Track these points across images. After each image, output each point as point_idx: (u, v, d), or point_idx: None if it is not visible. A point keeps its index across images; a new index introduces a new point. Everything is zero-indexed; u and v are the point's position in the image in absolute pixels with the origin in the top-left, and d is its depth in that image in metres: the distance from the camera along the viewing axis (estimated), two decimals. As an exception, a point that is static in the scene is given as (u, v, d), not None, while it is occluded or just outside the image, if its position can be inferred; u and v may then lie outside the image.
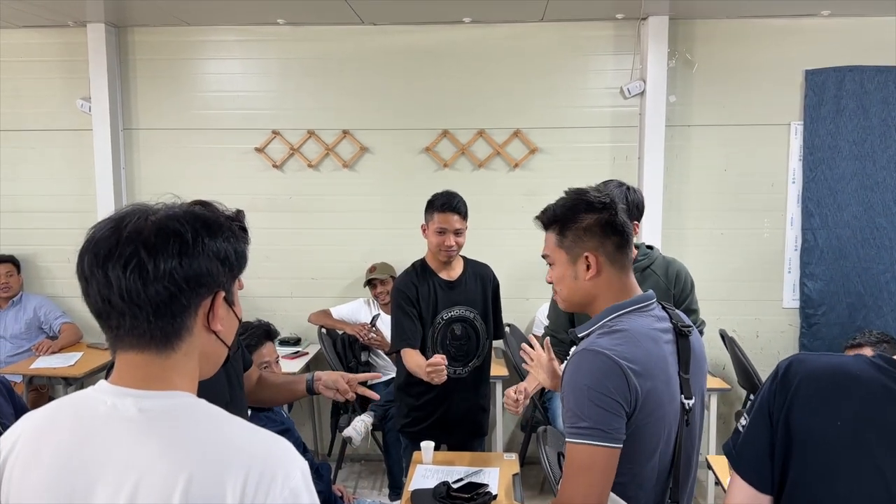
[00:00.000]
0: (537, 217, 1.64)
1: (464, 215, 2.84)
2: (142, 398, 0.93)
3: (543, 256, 1.65)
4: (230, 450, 0.90)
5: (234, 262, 1.00)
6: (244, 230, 1.03)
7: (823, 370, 1.18)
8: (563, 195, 1.62)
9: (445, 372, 2.51)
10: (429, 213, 2.87)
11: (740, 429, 1.24)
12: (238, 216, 1.04)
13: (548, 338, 2.34)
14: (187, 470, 0.87)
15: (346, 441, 3.77)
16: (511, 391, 2.31)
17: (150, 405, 0.92)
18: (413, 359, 2.76)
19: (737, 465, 1.24)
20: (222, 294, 0.99)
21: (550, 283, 1.65)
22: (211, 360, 1.02)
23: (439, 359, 2.49)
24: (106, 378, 0.99)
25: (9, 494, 0.94)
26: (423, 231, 2.92)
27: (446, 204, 2.81)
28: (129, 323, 0.92)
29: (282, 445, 0.94)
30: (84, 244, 0.94)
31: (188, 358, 0.97)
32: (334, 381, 2.07)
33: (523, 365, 2.13)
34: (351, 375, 2.11)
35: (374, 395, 2.12)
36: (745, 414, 1.26)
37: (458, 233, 2.83)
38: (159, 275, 0.90)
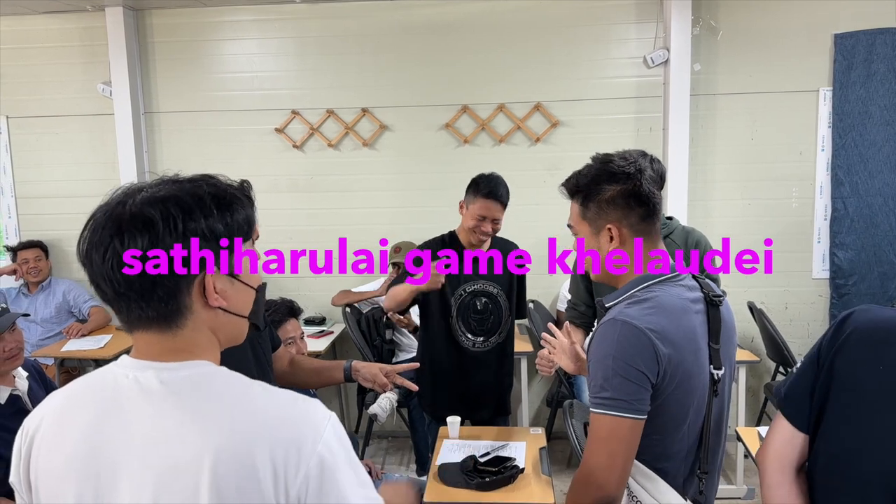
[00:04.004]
0: (562, 185, 1.60)
1: (505, 205, 2.77)
2: (162, 370, 0.93)
3: (569, 226, 1.61)
4: (256, 416, 0.90)
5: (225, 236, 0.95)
6: (250, 200, 1.01)
7: (881, 320, 1.22)
8: (589, 161, 1.57)
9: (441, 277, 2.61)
10: (472, 194, 2.77)
11: (793, 373, 1.33)
12: (243, 186, 1.01)
13: (567, 322, 2.32)
14: (214, 441, 0.87)
15: (372, 418, 3.78)
16: (545, 351, 2.26)
17: (170, 377, 0.92)
18: (400, 286, 2.78)
19: (781, 404, 1.33)
20: (211, 273, 0.94)
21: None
22: (227, 332, 1.00)
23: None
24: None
25: (37, 473, 0.95)
26: (461, 208, 2.84)
27: (492, 193, 2.71)
28: (126, 306, 0.92)
29: (307, 403, 0.94)
30: (81, 231, 0.94)
31: (199, 333, 0.96)
32: (373, 375, 2.07)
33: (545, 352, 2.10)
34: (389, 367, 2.10)
35: (412, 387, 2.10)
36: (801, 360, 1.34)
37: (496, 221, 2.79)
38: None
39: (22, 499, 1.00)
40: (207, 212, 0.93)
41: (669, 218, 2.74)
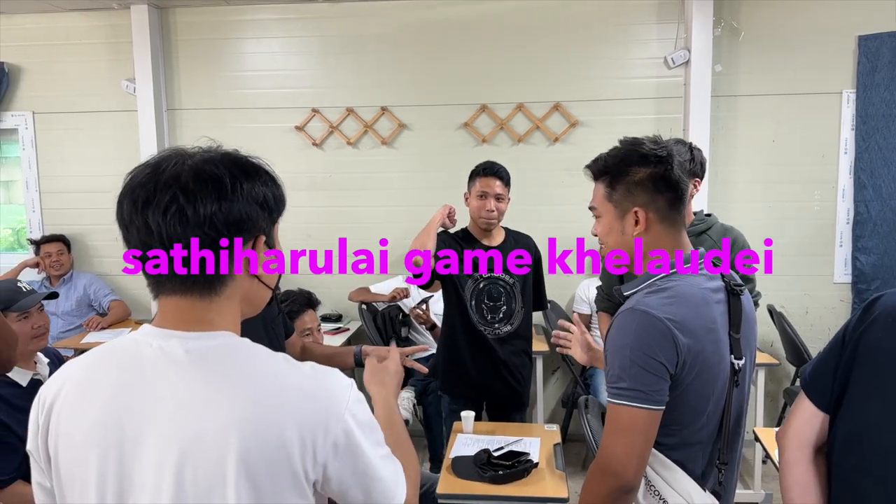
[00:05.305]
0: (587, 166, 1.58)
1: (506, 182, 2.87)
2: (187, 339, 0.93)
3: (590, 208, 1.59)
4: (282, 387, 0.91)
5: (273, 206, 0.99)
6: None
7: None
8: (617, 144, 1.55)
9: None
10: (471, 180, 2.92)
11: (819, 354, 1.33)
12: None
13: (576, 313, 2.30)
14: (242, 411, 0.87)
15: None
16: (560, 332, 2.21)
17: (195, 346, 0.92)
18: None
19: (805, 384, 1.33)
20: (263, 238, 0.98)
21: (596, 235, 1.61)
22: (254, 302, 1.02)
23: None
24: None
25: (57, 440, 0.94)
26: (466, 200, 2.95)
27: (488, 168, 2.87)
28: (171, 269, 0.92)
29: (329, 373, 0.96)
30: (122, 190, 0.94)
31: (231, 301, 0.97)
32: (383, 357, 2.08)
33: (558, 349, 2.09)
34: (400, 350, 2.11)
35: (423, 369, 2.11)
36: None
37: (498, 198, 2.84)
38: (199, 220, 0.89)
39: (39, 468, 0.99)
40: (262, 180, 0.97)
41: (708, 215, 2.73)
